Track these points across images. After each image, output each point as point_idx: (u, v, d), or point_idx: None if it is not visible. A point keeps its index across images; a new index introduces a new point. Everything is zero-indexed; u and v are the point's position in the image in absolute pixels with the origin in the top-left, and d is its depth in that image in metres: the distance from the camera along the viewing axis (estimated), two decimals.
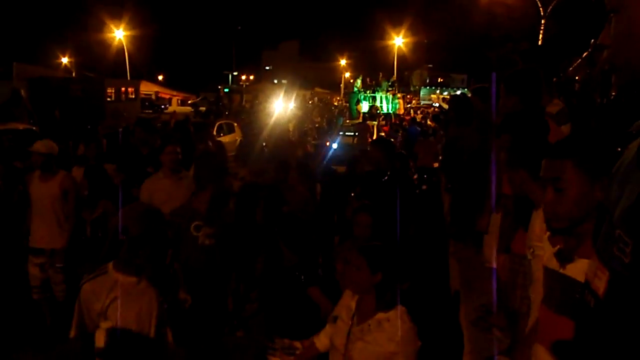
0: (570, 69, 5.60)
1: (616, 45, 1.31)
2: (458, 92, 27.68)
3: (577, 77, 5.40)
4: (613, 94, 4.28)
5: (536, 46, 16.02)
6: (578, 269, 1.99)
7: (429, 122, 23.12)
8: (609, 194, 1.35)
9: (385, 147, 5.95)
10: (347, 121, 23.70)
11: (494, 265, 4.04)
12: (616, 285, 1.23)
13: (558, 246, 2.23)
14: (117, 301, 2.76)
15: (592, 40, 5.20)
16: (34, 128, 12.28)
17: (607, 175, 2.00)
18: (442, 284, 5.84)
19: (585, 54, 5.38)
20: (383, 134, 19.08)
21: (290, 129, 18.67)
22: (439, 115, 17.90)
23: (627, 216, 1.20)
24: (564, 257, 2.17)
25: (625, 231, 1.19)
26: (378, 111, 28.94)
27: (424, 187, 10.69)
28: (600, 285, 1.28)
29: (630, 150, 1.33)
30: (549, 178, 2.10)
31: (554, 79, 4.88)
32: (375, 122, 21.71)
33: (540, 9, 21.32)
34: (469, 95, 7.58)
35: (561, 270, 2.16)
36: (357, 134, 17.36)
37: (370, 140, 16.97)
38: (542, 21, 21.19)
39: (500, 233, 3.59)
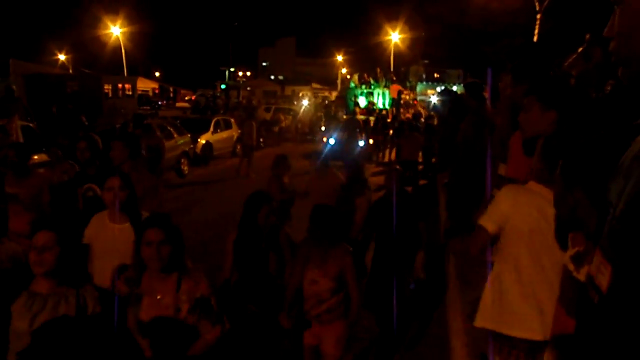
0: (566, 64, 5.62)
1: (619, 37, 1.25)
2: (454, 88, 27.69)
3: (572, 72, 5.41)
4: (608, 88, 4.29)
5: (531, 41, 16.02)
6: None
7: (421, 119, 23.18)
8: (613, 188, 1.30)
9: None
10: (344, 116, 23.77)
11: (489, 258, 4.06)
12: (620, 280, 1.18)
13: (576, 248, 2.22)
14: None
15: (587, 35, 5.22)
16: (31, 125, 12.26)
17: (580, 185, 2.05)
18: (437, 278, 5.86)
19: (580, 49, 5.39)
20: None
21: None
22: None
23: (629, 209, 1.16)
24: (579, 261, 2.16)
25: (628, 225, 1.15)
26: (374, 107, 28.98)
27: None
28: (604, 280, 1.23)
29: (636, 143, 1.28)
30: None
31: (550, 74, 4.90)
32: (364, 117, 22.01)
33: (536, 3, 21.32)
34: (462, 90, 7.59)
35: (574, 274, 2.17)
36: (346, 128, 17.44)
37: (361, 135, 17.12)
38: (538, 16, 21.20)
39: None
